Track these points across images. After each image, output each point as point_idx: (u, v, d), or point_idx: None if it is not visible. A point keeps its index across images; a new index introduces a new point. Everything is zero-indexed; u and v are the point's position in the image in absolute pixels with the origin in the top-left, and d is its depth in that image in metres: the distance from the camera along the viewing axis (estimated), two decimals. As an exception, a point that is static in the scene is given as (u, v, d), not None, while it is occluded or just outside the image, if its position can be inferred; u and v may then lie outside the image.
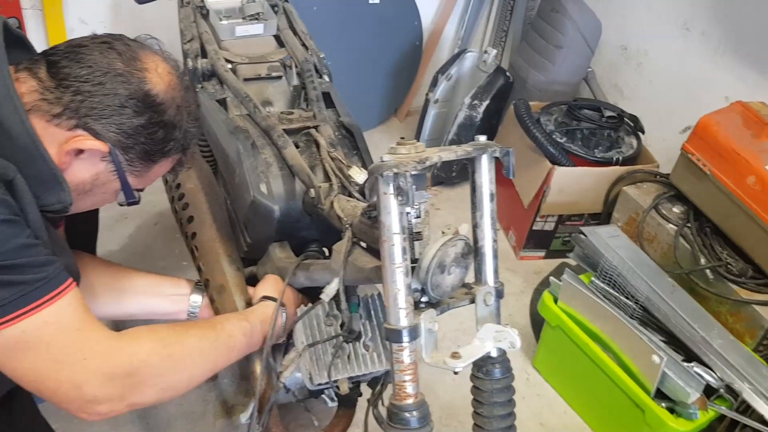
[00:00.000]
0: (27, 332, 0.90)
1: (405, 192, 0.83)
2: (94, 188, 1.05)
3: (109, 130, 0.99)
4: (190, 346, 1.07)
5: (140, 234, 2.33)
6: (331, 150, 1.36)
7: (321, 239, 1.44)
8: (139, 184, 1.10)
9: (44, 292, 0.91)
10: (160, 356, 1.01)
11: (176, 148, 1.08)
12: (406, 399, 0.90)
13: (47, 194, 0.99)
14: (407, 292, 0.88)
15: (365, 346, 1.28)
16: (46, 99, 0.97)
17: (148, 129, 1.01)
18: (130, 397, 0.98)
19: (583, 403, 1.92)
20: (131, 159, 1.04)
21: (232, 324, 1.17)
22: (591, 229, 1.95)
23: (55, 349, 0.92)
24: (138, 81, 1.00)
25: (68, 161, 1.00)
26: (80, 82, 0.97)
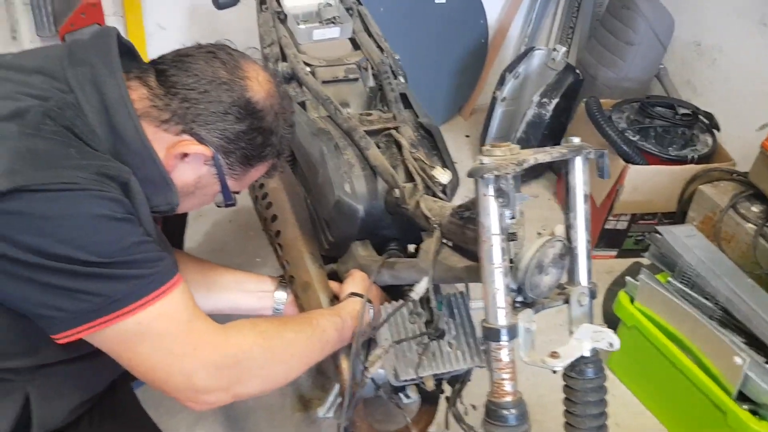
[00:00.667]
0: (142, 324, 0.94)
1: (506, 194, 0.85)
2: (197, 190, 1.10)
3: (213, 135, 1.03)
4: (288, 339, 1.11)
5: (216, 231, 2.39)
6: (413, 150, 1.38)
7: (400, 238, 1.46)
8: (236, 186, 1.14)
9: (157, 285, 0.95)
10: (262, 348, 1.06)
11: (272, 153, 1.12)
12: (504, 397, 0.91)
13: (156, 195, 1.04)
14: (506, 292, 0.89)
15: (449, 344, 1.30)
16: (155, 106, 1.01)
17: (248, 134, 1.06)
18: (235, 388, 1.02)
19: (660, 405, 1.90)
20: (231, 163, 1.08)
21: (326, 319, 1.21)
22: (667, 229, 1.92)
23: (168, 340, 0.97)
24: (240, 89, 1.04)
25: (174, 164, 1.04)
26: (187, 89, 1.01)
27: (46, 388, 1.08)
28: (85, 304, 0.90)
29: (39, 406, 1.07)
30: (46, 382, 1.07)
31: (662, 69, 2.61)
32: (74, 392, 1.14)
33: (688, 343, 1.76)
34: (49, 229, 0.87)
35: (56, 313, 0.91)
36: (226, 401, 1.03)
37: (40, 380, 1.06)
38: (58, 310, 0.90)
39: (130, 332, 0.94)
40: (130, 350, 0.96)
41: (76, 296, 0.90)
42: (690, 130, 2.29)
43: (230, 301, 1.45)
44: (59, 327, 0.92)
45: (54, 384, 1.09)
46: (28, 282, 0.89)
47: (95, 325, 0.92)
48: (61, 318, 0.91)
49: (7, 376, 1.03)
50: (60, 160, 0.90)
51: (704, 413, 1.71)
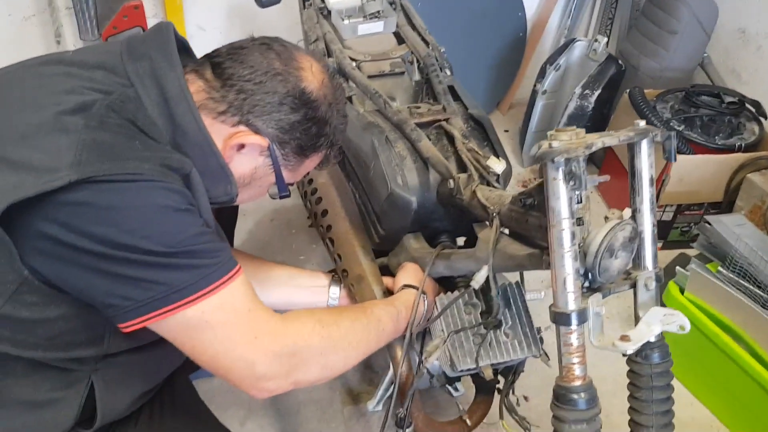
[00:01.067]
0: (206, 312, 0.95)
1: (577, 177, 0.84)
2: (253, 181, 1.11)
3: (269, 126, 1.04)
4: (345, 327, 1.12)
5: (258, 230, 2.41)
6: (465, 141, 1.38)
7: (452, 230, 1.46)
8: (291, 177, 1.15)
9: (220, 275, 0.97)
10: (320, 336, 1.07)
11: (326, 143, 1.13)
12: (574, 381, 0.91)
13: (215, 187, 1.05)
14: (576, 276, 0.89)
15: (505, 333, 1.29)
16: (212, 98, 1.03)
17: (303, 125, 1.06)
18: (295, 375, 1.04)
19: (712, 395, 1.87)
20: (286, 153, 1.09)
21: (381, 309, 1.22)
22: (716, 218, 1.89)
23: (230, 329, 0.98)
24: (295, 80, 1.04)
25: (231, 155, 1.06)
26: (243, 81, 1.02)
27: (110, 378, 1.10)
28: (150, 293, 0.92)
29: (103, 396, 1.09)
30: (110, 372, 1.09)
31: (706, 58, 2.57)
32: (137, 382, 1.16)
33: (741, 332, 1.74)
34: (115, 220, 0.89)
35: (122, 302, 0.92)
36: (286, 388, 1.04)
37: (104, 370, 1.09)
38: (125, 299, 0.92)
39: (194, 321, 0.95)
40: (194, 338, 0.98)
41: (142, 285, 0.92)
42: (736, 119, 2.26)
43: (284, 296, 1.46)
44: (125, 316, 0.93)
45: (117, 374, 1.11)
46: (95, 271, 0.91)
47: (160, 314, 0.93)
48: (128, 307, 0.93)
49: (72, 366, 1.05)
50: (125, 152, 0.92)
51: (758, 403, 1.69)
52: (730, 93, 2.31)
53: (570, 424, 0.91)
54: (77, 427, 1.10)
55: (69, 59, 1.05)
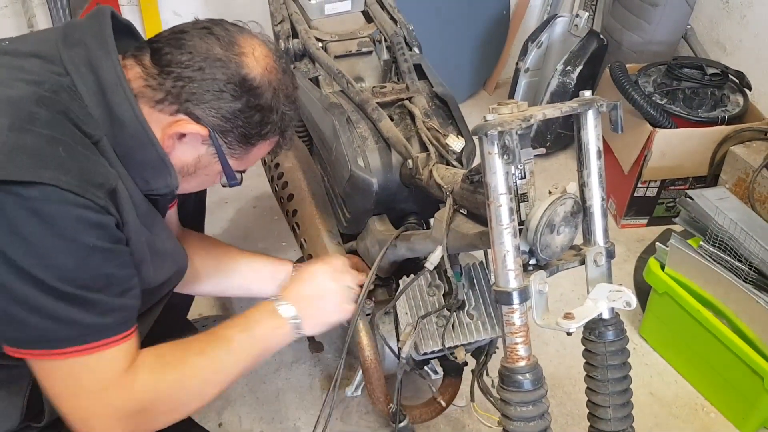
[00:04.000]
0: (67, 365, 0.93)
1: (511, 150, 0.82)
2: (198, 170, 1.09)
3: (209, 114, 1.01)
4: (193, 365, 1.06)
5: (240, 217, 2.40)
6: (426, 120, 1.36)
7: (419, 211, 1.44)
8: (239, 166, 1.12)
9: (101, 337, 0.94)
10: (166, 383, 1.03)
11: (273, 130, 1.09)
12: (518, 361, 0.89)
13: (155, 179, 1.03)
14: (516, 254, 0.86)
15: (469, 314, 1.28)
16: (149, 85, 0.99)
17: (245, 113, 1.03)
18: (143, 428, 1.02)
19: (695, 372, 1.85)
20: (230, 142, 1.05)
21: (232, 330, 1.15)
22: (698, 192, 1.86)
23: (81, 386, 0.96)
24: (235, 66, 1.01)
25: (171, 145, 1.03)
26: (181, 68, 0.99)
27: None
28: (23, 335, 0.92)
29: None
30: None
31: (689, 29, 2.52)
32: None
33: (723, 307, 1.71)
34: (12, 233, 0.86)
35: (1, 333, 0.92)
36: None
37: None
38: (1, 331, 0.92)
39: (54, 369, 0.94)
40: (49, 381, 0.96)
41: (18, 326, 0.91)
42: (720, 91, 2.21)
43: (243, 287, 1.45)
44: (4, 342, 0.94)
45: None
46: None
47: (27, 354, 0.93)
48: (5, 338, 0.93)
49: (10, 362, 1.02)
50: (46, 159, 0.88)
51: (740, 379, 1.66)
52: (713, 65, 2.27)
53: (515, 406, 0.89)
54: (28, 422, 1.09)
55: (2, 48, 1.02)
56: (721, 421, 1.78)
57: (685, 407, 1.82)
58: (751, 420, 1.71)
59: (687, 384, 1.87)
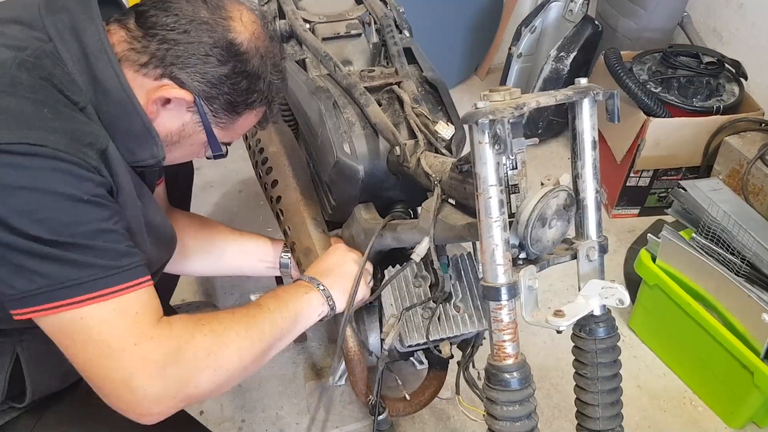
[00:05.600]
0: (86, 318, 0.86)
1: (502, 140, 0.78)
2: (182, 139, 1.04)
3: (194, 79, 0.97)
4: (226, 318, 1.01)
5: (226, 201, 2.36)
6: (415, 106, 1.31)
7: (406, 199, 1.40)
8: (225, 137, 1.08)
9: (114, 282, 0.88)
10: (202, 333, 0.95)
11: (260, 100, 1.05)
12: (505, 359, 0.85)
13: (140, 149, 0.99)
14: (505, 248, 0.83)
15: (456, 307, 1.24)
16: (133, 48, 0.96)
17: (231, 79, 0.99)
18: (185, 389, 0.92)
19: (684, 365, 1.83)
20: (216, 110, 1.02)
21: (265, 299, 1.12)
22: (691, 183, 1.83)
23: (109, 335, 0.88)
24: (222, 29, 0.97)
25: (155, 111, 0.99)
26: (166, 30, 0.95)
27: (36, 351, 1.05)
28: (32, 285, 0.84)
29: (30, 369, 1.06)
30: (35, 344, 1.05)
31: (686, 17, 2.48)
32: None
33: (713, 301, 1.68)
34: (4, 197, 0.82)
35: (7, 290, 0.85)
36: (175, 407, 0.92)
37: (29, 342, 1.04)
38: (9, 287, 0.85)
39: (73, 324, 0.87)
40: (69, 341, 0.88)
41: (25, 274, 0.84)
42: (715, 80, 2.18)
43: (233, 267, 1.44)
44: (11, 305, 0.86)
45: (44, 346, 1.00)
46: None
47: (42, 310, 0.85)
48: (12, 296, 0.85)
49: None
50: (30, 120, 0.85)
51: (730, 373, 1.64)
52: (709, 53, 2.23)
53: (502, 405, 0.86)
54: (9, 401, 1.07)
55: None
56: (709, 415, 1.77)
57: (673, 400, 1.81)
58: (739, 415, 1.70)
59: (675, 377, 1.86)
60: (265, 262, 1.45)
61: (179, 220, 1.38)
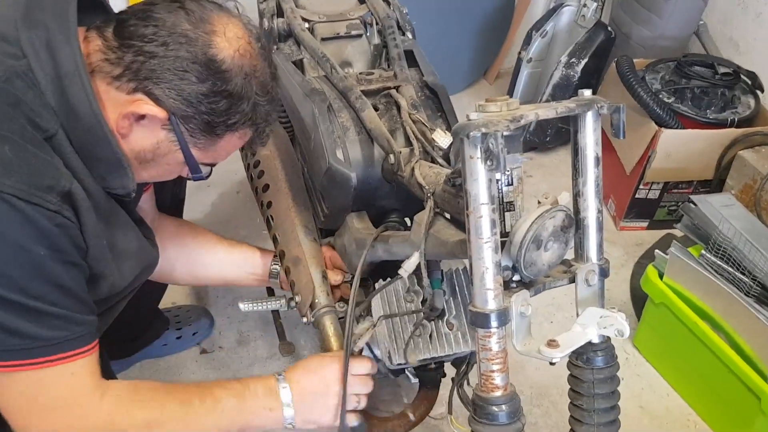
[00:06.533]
0: (22, 381, 0.88)
1: (495, 155, 0.72)
2: (156, 158, 0.99)
3: (169, 96, 0.91)
4: (169, 413, 1.00)
5: (223, 202, 2.31)
6: (412, 112, 1.26)
7: (401, 209, 1.34)
8: (205, 158, 1.02)
9: (56, 351, 0.89)
10: (134, 421, 0.97)
11: (243, 122, 0.98)
12: (493, 391, 0.79)
13: (111, 177, 0.95)
14: (496, 271, 0.77)
15: (449, 324, 1.18)
16: (108, 59, 0.90)
17: (209, 98, 0.93)
18: None
19: (689, 387, 1.76)
20: (192, 129, 0.95)
21: (223, 389, 1.07)
22: (702, 198, 1.76)
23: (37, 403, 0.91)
24: (203, 44, 0.91)
25: (128, 126, 0.94)
26: (143, 41, 0.89)
27: None
28: None
29: None
30: None
31: (702, 25, 2.40)
32: None
33: (721, 321, 1.62)
34: None
35: None
36: None
37: None
38: None
39: (3, 381, 0.88)
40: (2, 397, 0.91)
41: None
42: (731, 91, 2.11)
43: (219, 278, 1.42)
44: None
45: None
46: None
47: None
48: None
49: None
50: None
51: (737, 397, 1.57)
52: (724, 63, 2.16)
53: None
54: None
55: None
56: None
57: (676, 423, 1.74)
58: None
59: (679, 398, 1.79)
60: (254, 275, 1.41)
61: (166, 228, 1.34)
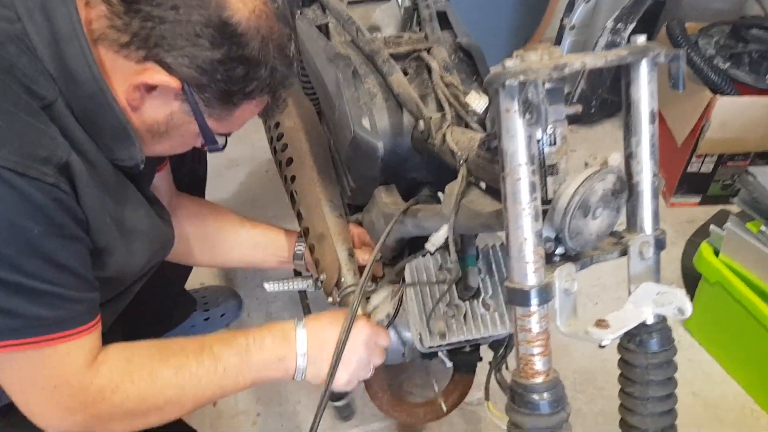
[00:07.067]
0: (16, 360, 0.84)
1: (535, 107, 0.62)
2: (170, 130, 0.92)
3: (182, 63, 0.83)
4: (163, 381, 0.94)
5: (250, 181, 2.25)
6: (445, 75, 1.16)
7: (434, 182, 1.24)
8: (221, 128, 0.94)
9: (47, 331, 0.84)
10: (129, 398, 0.92)
11: (261, 89, 0.90)
12: (534, 377, 0.70)
13: (118, 148, 0.89)
14: (536, 242, 0.67)
15: (485, 304, 1.09)
16: (114, 26, 0.82)
17: (226, 65, 0.85)
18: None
19: (746, 372, 1.65)
20: (208, 99, 0.88)
21: (224, 345, 0.99)
22: (761, 169, 1.64)
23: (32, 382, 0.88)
24: (216, 6, 0.82)
25: (139, 98, 0.86)
26: (151, 5, 0.81)
27: None
28: None
29: None
30: None
31: (760, -15, 2.26)
32: None
33: (783, 302, 1.50)
34: None
35: None
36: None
37: None
38: None
39: (6, 363, 0.85)
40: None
41: None
42: (792, 56, 1.97)
43: (242, 260, 1.36)
44: None
45: None
46: None
47: None
48: None
49: None
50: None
51: (801, 385, 1.46)
52: (785, 25, 2.02)
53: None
54: None
55: None
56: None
57: (733, 411, 1.63)
58: (809, 432, 1.51)
59: (736, 385, 1.68)
60: (277, 257, 1.34)
61: (185, 208, 1.28)
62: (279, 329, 1.04)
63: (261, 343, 1.01)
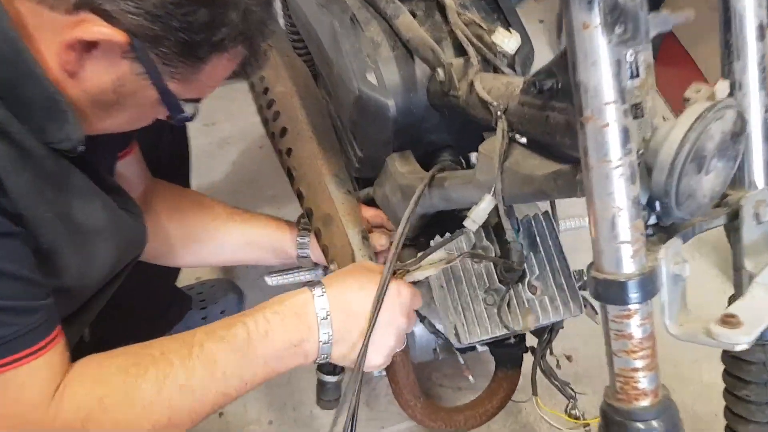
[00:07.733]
0: None
1: (631, 14, 0.42)
2: (121, 99, 0.73)
3: (126, 9, 0.64)
4: (145, 393, 0.76)
5: (245, 160, 2.07)
6: (462, 12, 0.96)
7: (456, 144, 1.06)
8: (187, 92, 0.75)
9: (2, 354, 0.69)
10: (100, 427, 0.75)
11: (232, 37, 0.71)
12: (638, 399, 0.51)
13: (50, 127, 0.71)
14: (635, 213, 0.48)
15: (531, 287, 0.91)
16: None
17: (183, 7, 0.66)
18: None
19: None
20: (166, 54, 0.69)
21: (216, 342, 0.80)
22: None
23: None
24: None
25: (74, 60, 0.68)
26: None
27: None
28: None
29: None
30: None
31: None
32: None
33: None
34: None
35: None
36: None
37: None
38: None
39: None
40: None
41: None
42: None
43: (234, 260, 1.25)
44: None
45: None
46: None
47: None
48: None
49: None
50: None
51: None
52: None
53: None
54: None
55: None
56: None
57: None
58: None
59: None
60: (277, 253, 1.16)
61: (162, 200, 1.09)
62: (290, 304, 0.83)
63: (267, 329, 0.81)
